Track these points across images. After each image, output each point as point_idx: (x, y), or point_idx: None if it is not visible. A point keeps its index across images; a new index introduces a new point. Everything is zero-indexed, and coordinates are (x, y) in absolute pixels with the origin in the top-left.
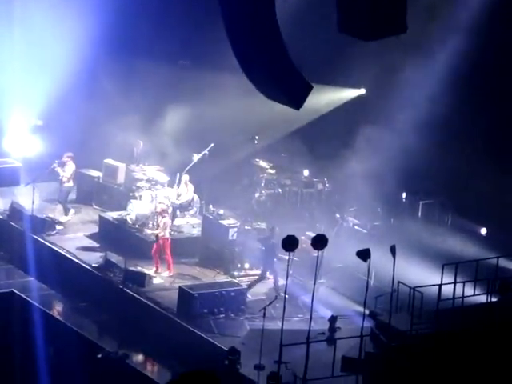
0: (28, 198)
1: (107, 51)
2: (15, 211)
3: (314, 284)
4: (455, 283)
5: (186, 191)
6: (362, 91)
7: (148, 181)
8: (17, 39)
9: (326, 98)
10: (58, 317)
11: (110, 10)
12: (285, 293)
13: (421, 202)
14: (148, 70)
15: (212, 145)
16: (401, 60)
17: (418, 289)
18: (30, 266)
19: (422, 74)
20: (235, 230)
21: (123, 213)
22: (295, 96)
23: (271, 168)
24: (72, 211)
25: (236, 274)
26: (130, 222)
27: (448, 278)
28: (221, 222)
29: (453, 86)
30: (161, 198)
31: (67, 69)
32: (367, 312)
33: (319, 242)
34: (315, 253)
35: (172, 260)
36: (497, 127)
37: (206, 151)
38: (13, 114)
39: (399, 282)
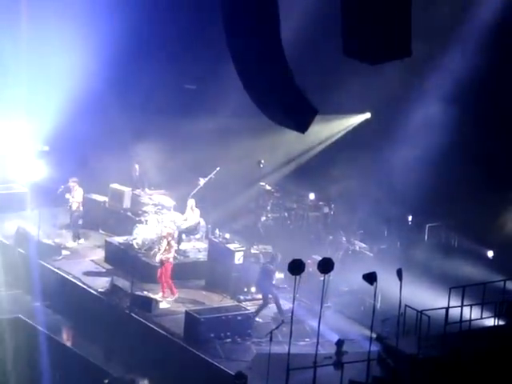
0: (34, 223)
1: (112, 74)
2: (21, 236)
3: (321, 308)
4: (462, 306)
5: (192, 215)
6: (368, 115)
7: (154, 205)
8: (23, 65)
9: (334, 128)
10: (65, 342)
11: (113, 37)
12: (291, 317)
13: (427, 225)
14: (154, 94)
15: (218, 169)
16: (402, 82)
17: (425, 312)
18: (36, 292)
19: (424, 97)
20: (241, 253)
21: (129, 237)
22: (300, 120)
23: (277, 192)
24: (81, 240)
25: (242, 298)
26: (137, 247)
27: (455, 301)
28: (227, 245)
29: (457, 109)
30: (167, 222)
31: (73, 95)
32: (374, 336)
33: (325, 265)
34: (321, 276)
35: (172, 283)
36: (503, 151)
37: (211, 175)
38: (19, 139)
39: (406, 306)
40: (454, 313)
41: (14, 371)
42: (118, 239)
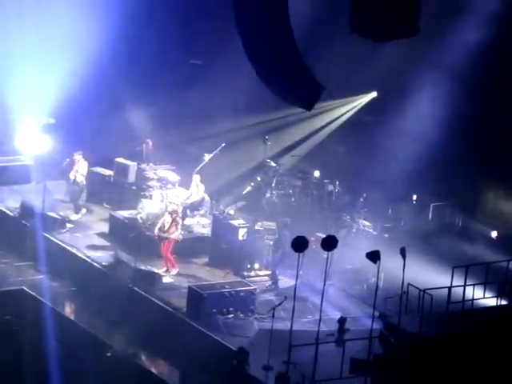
0: (39, 196)
1: (118, 49)
2: (26, 209)
3: (324, 285)
4: (465, 286)
5: (196, 191)
6: (374, 94)
7: (159, 180)
8: (28, 38)
9: (343, 110)
10: (68, 315)
11: (122, 10)
12: (294, 293)
13: (431, 204)
14: (160, 68)
15: (223, 144)
16: (410, 61)
17: (427, 291)
18: (40, 264)
19: (434, 76)
20: (245, 230)
21: (134, 212)
22: (307, 97)
23: (282, 169)
24: (84, 210)
25: (245, 274)
26: (141, 221)
27: (458, 281)
28: (231, 222)
29: (466, 88)
30: (171, 198)
31: (78, 67)
32: (377, 314)
33: (329, 243)
34: (325, 254)
35: (172, 258)
36: None
37: (217, 151)
38: (24, 112)
39: (409, 284)
40: (457, 292)
41: (17, 343)
42: (122, 213)
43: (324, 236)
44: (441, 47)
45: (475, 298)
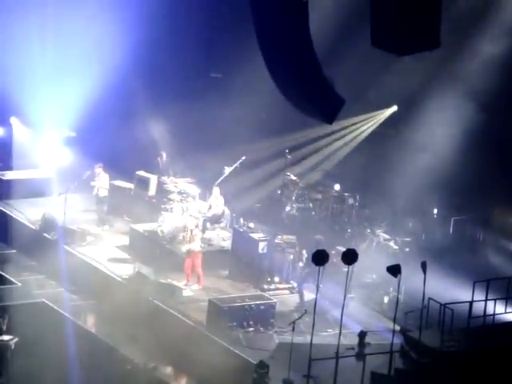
0: (60, 209)
1: (140, 62)
2: (47, 222)
3: (344, 299)
4: (486, 300)
5: (216, 204)
6: (395, 108)
7: (179, 193)
8: (50, 50)
9: (364, 124)
10: (88, 328)
11: (143, 23)
12: (314, 307)
13: (452, 218)
14: (180, 80)
15: (243, 158)
16: (428, 75)
17: (448, 305)
18: (61, 277)
19: (451, 89)
20: (265, 243)
21: (154, 225)
22: (328, 110)
23: (302, 182)
24: (106, 227)
25: (266, 287)
26: (161, 235)
27: (479, 295)
28: (251, 235)
29: (482, 101)
30: (192, 211)
31: (99, 80)
32: (398, 328)
33: (349, 256)
34: (345, 267)
35: (203, 274)
36: None
37: (237, 164)
38: (46, 125)
39: (430, 299)
40: (478, 307)
41: (38, 355)
42: (142, 226)
43: (344, 249)
44: (456, 60)
45: (496, 312)
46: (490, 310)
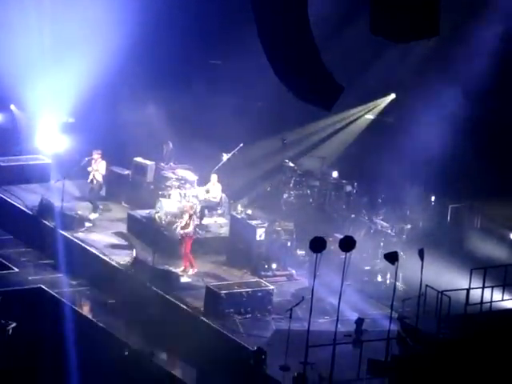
0: (57, 195)
1: (137, 48)
2: (45, 208)
3: (341, 286)
4: (483, 288)
5: (214, 191)
6: (393, 96)
7: (177, 180)
8: (47, 38)
9: (362, 112)
10: (86, 313)
11: (142, 9)
12: (311, 294)
13: (450, 206)
14: (178, 68)
15: (241, 145)
16: (429, 62)
17: (445, 293)
18: (59, 263)
19: (451, 77)
20: (263, 230)
21: (152, 211)
22: (326, 97)
23: (300, 169)
24: (100, 208)
25: (263, 274)
26: (159, 221)
27: (476, 283)
28: (249, 221)
29: (486, 89)
30: (189, 197)
31: (98, 67)
32: (396, 315)
33: (347, 243)
34: (343, 254)
35: (192, 257)
36: None
37: (235, 151)
38: (44, 111)
39: (427, 286)
40: (475, 294)
41: (35, 341)
42: (140, 212)
43: (342, 237)
44: (458, 48)
45: (493, 300)
46: (487, 298)
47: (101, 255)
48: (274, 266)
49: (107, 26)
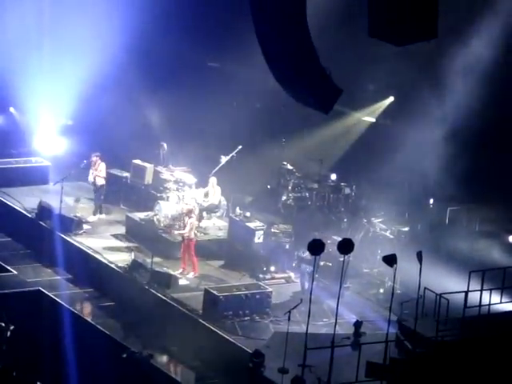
0: (56, 197)
1: (136, 51)
2: (43, 210)
3: (340, 288)
4: (482, 290)
5: (213, 193)
6: (391, 99)
7: (175, 182)
8: (46, 40)
9: (361, 115)
10: (84, 316)
11: (141, 11)
12: (310, 296)
13: (448, 209)
14: (176, 71)
15: (240, 147)
16: (426, 63)
17: (444, 295)
18: (57, 265)
19: (451, 80)
20: (261, 232)
21: (150, 213)
22: (324, 100)
23: (299, 171)
24: (103, 215)
25: (261, 276)
26: (157, 223)
27: (475, 286)
28: (247, 224)
29: (483, 92)
30: (188, 200)
31: (96, 69)
32: (394, 318)
33: (345, 246)
34: (341, 257)
35: (197, 261)
36: None
37: (233, 153)
38: (43, 113)
39: (425, 289)
40: (474, 297)
41: (34, 344)
42: (139, 215)
43: (340, 239)
44: (459, 49)
45: (492, 302)
46: (485, 300)
47: (99, 257)
48: (272, 268)
49: (106, 29)
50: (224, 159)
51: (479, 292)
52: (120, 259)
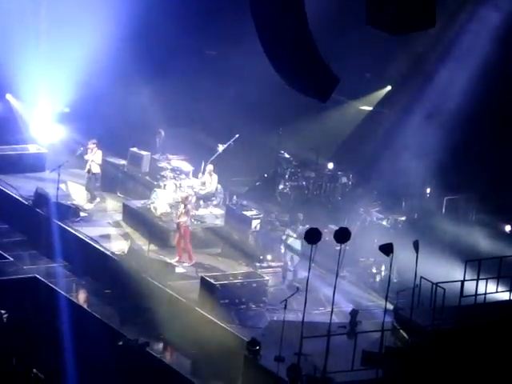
0: (53, 185)
1: (133, 39)
2: (40, 197)
3: (336, 277)
4: (478, 280)
5: (210, 181)
6: (388, 88)
7: (172, 170)
8: (43, 27)
9: (358, 105)
10: (81, 303)
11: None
12: (306, 285)
13: (445, 198)
14: (174, 58)
15: (237, 135)
16: (425, 52)
17: (440, 284)
18: (54, 252)
19: (450, 68)
20: (258, 221)
21: (147, 201)
22: (322, 88)
23: (296, 160)
24: (97, 200)
25: (258, 265)
26: (154, 211)
27: (471, 275)
28: (244, 212)
29: (483, 81)
30: (185, 188)
31: (93, 56)
32: (391, 307)
33: (342, 235)
34: (338, 246)
35: (191, 249)
36: None
37: (231, 142)
38: (39, 101)
39: (422, 278)
40: (470, 286)
41: (30, 331)
42: (135, 203)
43: (337, 228)
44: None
45: (488, 292)
46: (481, 290)
47: (96, 245)
48: (269, 257)
49: (103, 16)
50: (221, 147)
51: (475, 281)
52: (116, 247)
